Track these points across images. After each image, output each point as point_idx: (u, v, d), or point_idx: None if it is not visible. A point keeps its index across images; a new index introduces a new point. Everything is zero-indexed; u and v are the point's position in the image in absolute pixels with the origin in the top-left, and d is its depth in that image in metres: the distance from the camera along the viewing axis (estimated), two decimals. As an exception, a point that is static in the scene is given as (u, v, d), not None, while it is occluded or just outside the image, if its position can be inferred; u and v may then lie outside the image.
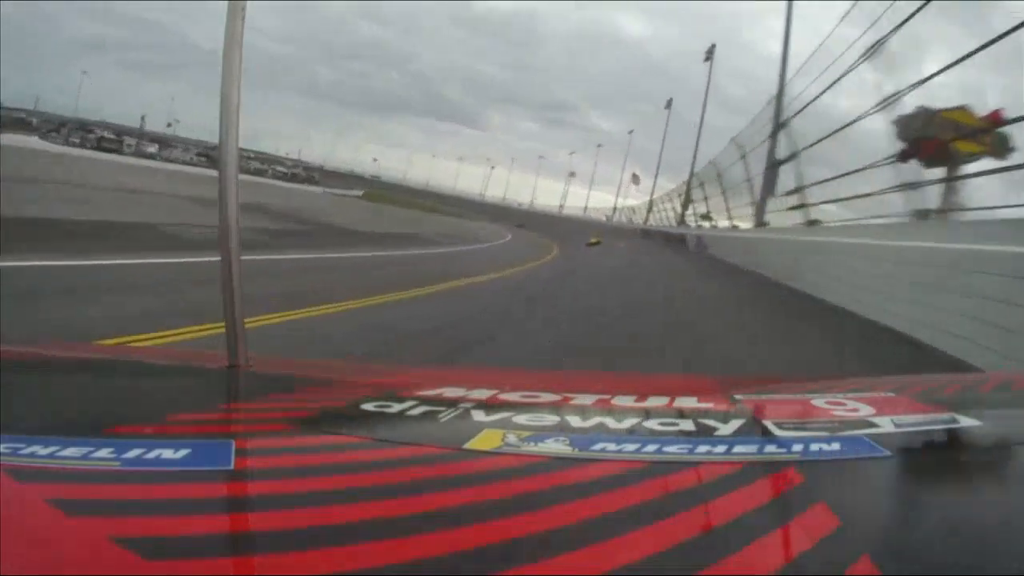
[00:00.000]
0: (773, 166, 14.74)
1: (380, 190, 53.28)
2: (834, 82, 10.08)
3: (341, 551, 0.34)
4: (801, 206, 12.18)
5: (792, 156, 13.04)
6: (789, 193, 13.23)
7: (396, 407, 0.62)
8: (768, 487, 0.46)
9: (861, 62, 8.70)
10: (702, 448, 0.52)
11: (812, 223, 11.71)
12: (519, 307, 6.78)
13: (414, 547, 0.35)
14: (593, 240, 26.80)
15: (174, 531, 0.36)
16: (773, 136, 14.72)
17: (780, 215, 14.63)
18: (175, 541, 0.35)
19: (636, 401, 0.68)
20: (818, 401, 0.69)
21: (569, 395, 0.72)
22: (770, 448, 0.52)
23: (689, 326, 6.43)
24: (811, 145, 11.42)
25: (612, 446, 0.51)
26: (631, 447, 0.51)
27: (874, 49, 8.25)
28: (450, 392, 0.71)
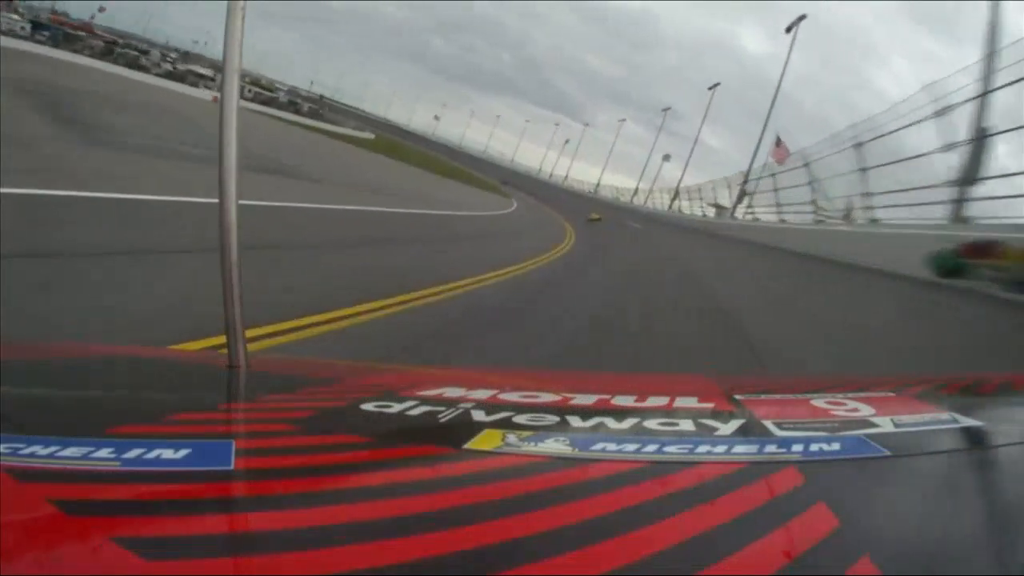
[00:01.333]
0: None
1: (398, 139, 52.61)
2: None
3: (341, 551, 0.34)
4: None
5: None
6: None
7: (396, 407, 0.62)
8: (768, 487, 0.46)
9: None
10: (702, 448, 0.52)
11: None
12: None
13: (414, 547, 0.35)
14: (594, 216, 27.63)
15: (174, 531, 0.36)
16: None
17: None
18: (175, 541, 0.35)
19: (636, 401, 0.68)
20: (818, 401, 0.69)
21: (569, 395, 0.72)
22: (770, 448, 0.52)
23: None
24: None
25: (612, 446, 0.51)
26: (631, 447, 0.51)
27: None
28: (450, 392, 0.71)
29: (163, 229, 4.53)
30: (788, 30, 30.81)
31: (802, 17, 30.72)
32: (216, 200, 0.78)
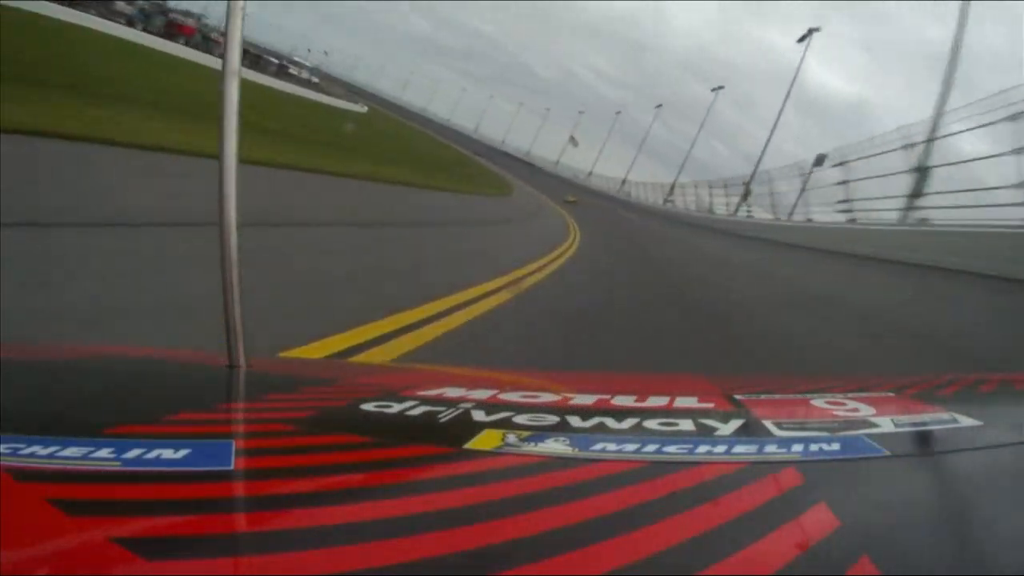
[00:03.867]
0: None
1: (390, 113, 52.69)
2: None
3: (341, 551, 0.34)
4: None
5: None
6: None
7: (396, 407, 0.62)
8: (768, 487, 0.46)
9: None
10: (702, 448, 0.52)
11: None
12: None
13: (414, 547, 0.35)
14: (570, 198, 28.07)
15: (174, 531, 0.36)
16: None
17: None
18: (175, 541, 0.35)
19: (636, 401, 0.68)
20: (818, 401, 0.69)
21: (569, 395, 0.72)
22: (770, 448, 0.52)
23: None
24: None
25: (612, 446, 0.51)
26: (631, 447, 0.51)
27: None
28: (450, 392, 0.71)
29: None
30: (800, 40, 30.71)
31: (814, 30, 30.49)
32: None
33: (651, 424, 0.58)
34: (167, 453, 0.45)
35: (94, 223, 3.84)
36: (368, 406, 0.62)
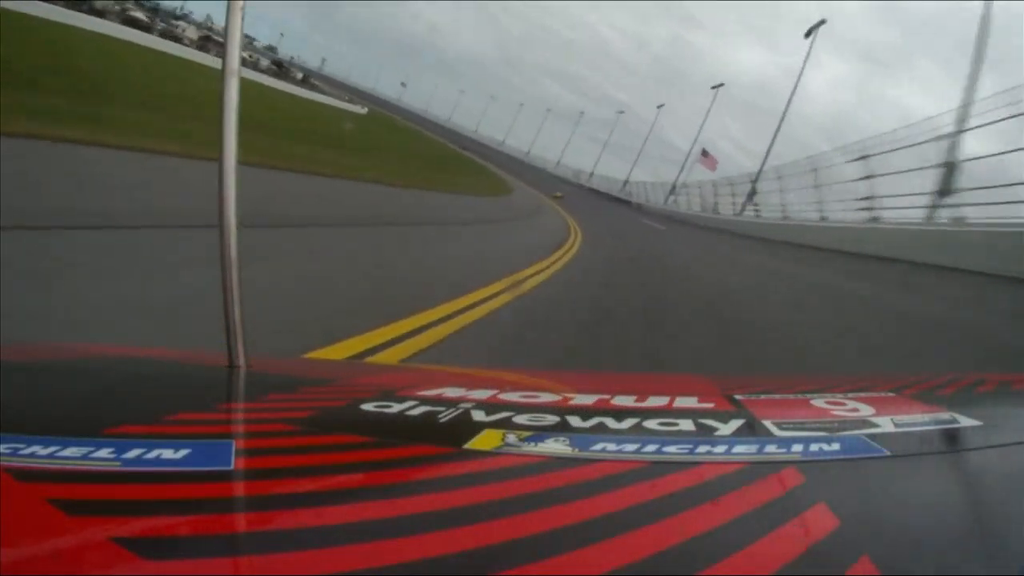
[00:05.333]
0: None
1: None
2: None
3: (341, 551, 0.34)
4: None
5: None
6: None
7: (396, 407, 0.62)
8: (768, 487, 0.46)
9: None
10: (702, 448, 0.52)
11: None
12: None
13: (414, 547, 0.35)
14: (557, 195, 29.30)
15: (174, 531, 0.36)
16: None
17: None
18: (175, 541, 0.35)
19: (636, 401, 0.68)
20: (818, 401, 0.69)
21: (569, 395, 0.72)
22: (770, 448, 0.52)
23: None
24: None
25: (612, 446, 0.51)
26: (631, 447, 0.51)
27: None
28: (450, 392, 0.71)
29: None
30: (807, 35, 29.14)
31: (821, 22, 28.77)
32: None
33: (651, 424, 0.58)
34: (167, 453, 0.45)
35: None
36: (368, 406, 0.62)
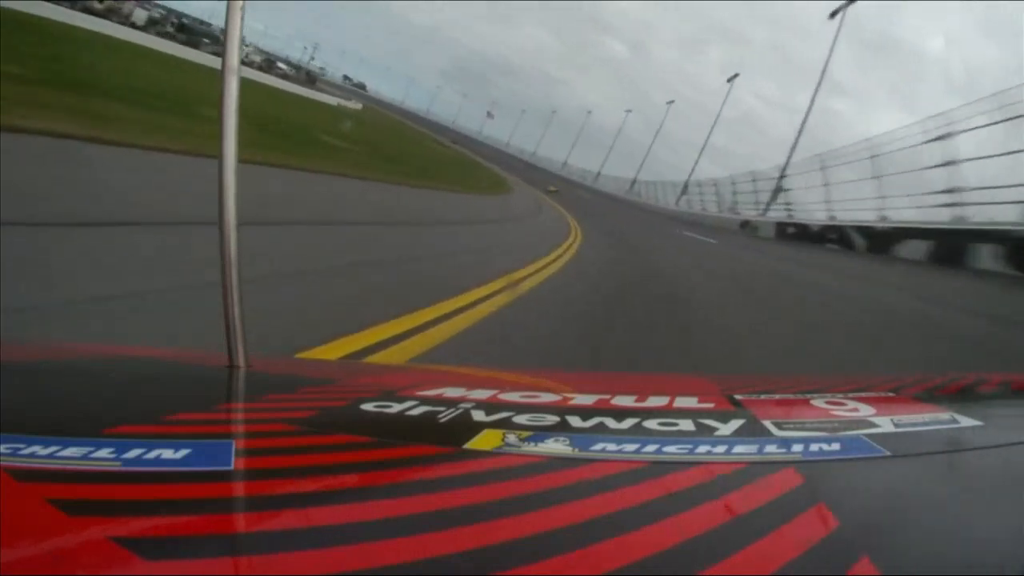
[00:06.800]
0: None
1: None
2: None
3: (341, 551, 0.34)
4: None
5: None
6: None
7: (396, 407, 0.62)
8: (768, 487, 0.46)
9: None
10: (702, 448, 0.52)
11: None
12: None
13: (414, 547, 0.35)
14: (552, 189, 30.01)
15: (174, 531, 0.36)
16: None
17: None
18: (175, 541, 0.35)
19: (636, 401, 0.68)
20: (818, 401, 0.69)
21: (569, 395, 0.72)
22: (770, 448, 0.52)
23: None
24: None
25: (612, 446, 0.51)
26: (631, 447, 0.51)
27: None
28: (450, 392, 0.71)
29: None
30: (833, 15, 26.67)
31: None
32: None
33: (651, 424, 0.58)
34: (167, 453, 0.45)
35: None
36: (368, 406, 0.62)
